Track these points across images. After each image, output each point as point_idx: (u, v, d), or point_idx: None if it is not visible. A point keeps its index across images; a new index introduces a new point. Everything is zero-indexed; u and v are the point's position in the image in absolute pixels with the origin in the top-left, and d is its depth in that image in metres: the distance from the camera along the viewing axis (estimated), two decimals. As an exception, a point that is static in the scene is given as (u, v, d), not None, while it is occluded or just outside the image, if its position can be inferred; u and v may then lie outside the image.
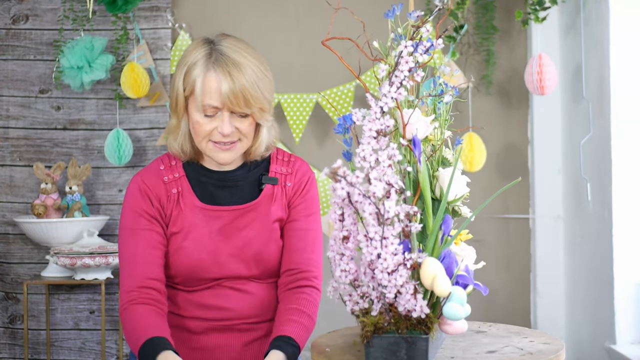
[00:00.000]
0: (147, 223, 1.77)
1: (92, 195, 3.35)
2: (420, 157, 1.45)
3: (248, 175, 1.84)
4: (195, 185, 1.81)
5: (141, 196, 1.79)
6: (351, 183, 1.29)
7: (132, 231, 1.78)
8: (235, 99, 1.68)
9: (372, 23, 1.76)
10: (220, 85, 1.68)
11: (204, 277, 1.78)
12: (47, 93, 3.37)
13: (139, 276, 1.74)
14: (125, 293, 1.75)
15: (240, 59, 1.71)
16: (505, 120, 3.38)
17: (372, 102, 1.37)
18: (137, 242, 1.77)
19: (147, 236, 1.77)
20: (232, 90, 1.68)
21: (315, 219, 1.86)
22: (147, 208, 1.78)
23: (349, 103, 3.23)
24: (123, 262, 1.78)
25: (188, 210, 1.78)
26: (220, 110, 1.71)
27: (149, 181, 1.80)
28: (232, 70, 1.69)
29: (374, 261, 1.31)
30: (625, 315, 2.76)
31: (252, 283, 1.81)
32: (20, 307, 3.34)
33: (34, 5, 3.36)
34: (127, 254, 1.77)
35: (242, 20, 3.38)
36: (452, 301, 1.35)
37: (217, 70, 1.69)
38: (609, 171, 2.78)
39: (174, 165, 1.83)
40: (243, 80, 1.69)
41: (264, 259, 1.80)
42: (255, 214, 1.80)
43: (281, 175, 1.85)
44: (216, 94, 1.69)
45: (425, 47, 1.40)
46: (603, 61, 2.81)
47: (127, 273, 1.76)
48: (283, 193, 1.84)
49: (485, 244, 3.34)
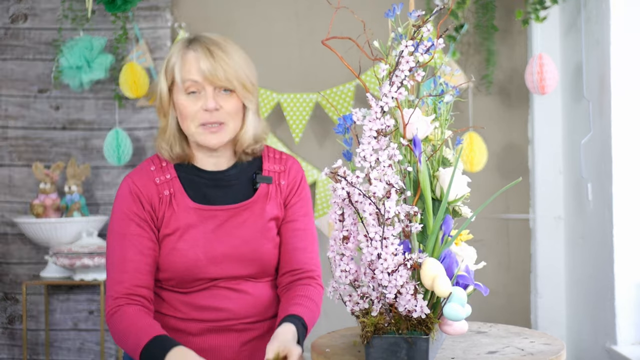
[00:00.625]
0: (138, 228, 1.76)
1: (91, 195, 3.35)
2: (420, 157, 1.44)
3: (241, 175, 1.83)
4: (187, 185, 1.80)
5: (132, 199, 1.77)
6: (351, 183, 1.29)
7: (122, 236, 1.75)
8: (215, 70, 1.71)
9: (372, 23, 1.75)
10: (199, 61, 1.71)
11: (199, 277, 1.77)
12: (46, 93, 3.36)
13: (127, 283, 1.72)
14: (112, 299, 1.72)
15: (220, 41, 1.75)
16: (506, 120, 3.38)
17: (373, 102, 1.37)
18: (126, 247, 1.74)
19: (137, 242, 1.75)
20: (211, 64, 1.71)
21: (311, 217, 1.88)
22: (138, 211, 1.76)
23: (349, 103, 3.23)
24: (111, 267, 1.75)
25: (181, 211, 1.77)
26: (203, 87, 1.72)
27: (140, 182, 1.78)
28: (211, 47, 1.73)
29: (374, 261, 1.31)
30: (626, 316, 2.76)
31: (248, 282, 1.81)
32: (19, 308, 3.33)
33: (33, 5, 3.36)
34: (116, 260, 1.75)
35: (241, 20, 3.38)
36: (452, 302, 1.35)
37: (197, 49, 1.73)
38: (609, 171, 2.77)
39: (165, 166, 1.81)
40: (223, 55, 1.72)
41: (260, 258, 1.80)
42: (249, 213, 1.80)
43: (275, 174, 1.85)
44: (195, 68, 1.72)
45: (425, 46, 1.39)
46: (603, 61, 2.81)
47: (115, 279, 1.74)
48: (278, 191, 1.84)
49: (485, 244, 3.34)
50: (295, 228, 1.83)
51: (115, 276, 1.74)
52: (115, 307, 1.71)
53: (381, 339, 1.34)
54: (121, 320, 1.69)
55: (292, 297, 1.78)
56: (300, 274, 1.82)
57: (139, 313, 1.70)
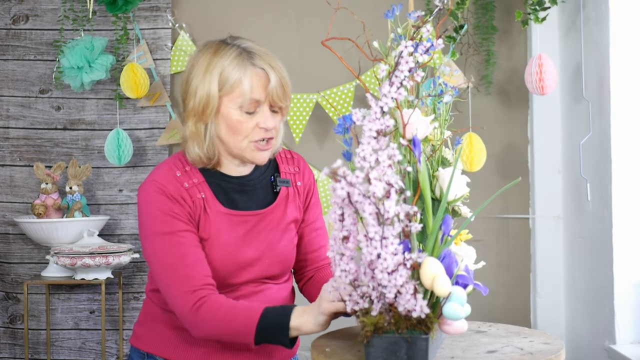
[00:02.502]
0: (182, 224, 1.69)
1: (92, 195, 3.36)
2: (420, 157, 1.45)
3: (262, 178, 1.84)
4: (216, 190, 1.77)
5: (168, 199, 1.70)
6: (351, 183, 1.29)
7: (169, 235, 1.68)
8: (280, 90, 1.71)
9: (371, 23, 1.76)
10: (269, 78, 1.69)
11: (228, 283, 1.76)
12: (47, 93, 3.37)
13: (199, 275, 1.66)
14: (190, 294, 1.64)
15: (269, 52, 1.74)
16: (505, 120, 3.38)
17: (373, 102, 1.37)
18: (180, 243, 1.68)
19: (188, 236, 1.69)
20: (278, 80, 1.70)
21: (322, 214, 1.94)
22: (177, 209, 1.70)
23: (349, 103, 3.23)
24: (170, 267, 1.67)
25: (214, 216, 1.74)
26: (260, 105, 1.71)
27: (171, 186, 1.72)
28: (272, 63, 1.71)
29: (374, 261, 1.31)
30: (625, 315, 2.76)
31: (268, 284, 1.82)
32: (21, 307, 3.34)
33: (34, 6, 3.36)
34: (172, 259, 1.67)
35: (242, 20, 3.38)
36: (452, 301, 1.35)
37: (262, 65, 1.70)
38: (609, 171, 2.78)
39: (189, 171, 1.76)
40: (282, 71, 1.73)
41: (284, 260, 1.82)
42: (273, 216, 1.81)
43: (290, 175, 1.87)
44: (263, 87, 1.69)
45: (425, 47, 1.40)
46: (603, 61, 2.81)
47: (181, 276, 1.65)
48: (296, 193, 1.86)
49: (485, 244, 3.34)
50: (317, 227, 1.89)
51: (179, 274, 1.66)
52: (199, 300, 1.64)
53: (381, 338, 1.34)
54: (217, 308, 1.63)
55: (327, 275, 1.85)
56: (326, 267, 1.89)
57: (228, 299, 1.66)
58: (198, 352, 1.79)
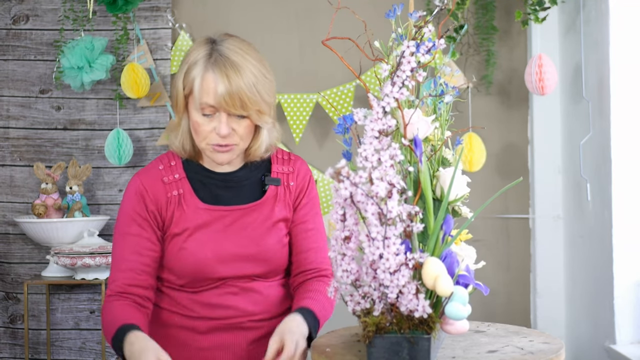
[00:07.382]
0: (138, 228, 1.78)
1: (93, 195, 3.36)
2: (421, 157, 1.45)
3: (250, 176, 1.85)
4: (197, 186, 1.81)
5: (137, 199, 1.79)
6: (355, 183, 1.29)
7: (122, 235, 1.80)
8: (232, 100, 1.68)
9: (372, 23, 1.76)
10: (217, 86, 1.68)
11: (209, 276, 1.78)
12: (47, 93, 3.37)
13: (120, 282, 1.77)
14: (106, 297, 1.78)
15: (239, 61, 1.70)
16: (505, 120, 3.39)
17: (374, 102, 1.37)
18: (125, 247, 1.78)
19: (135, 242, 1.78)
20: (228, 91, 1.68)
21: (320, 217, 1.91)
22: (140, 211, 1.78)
23: (349, 103, 3.24)
24: (112, 264, 1.82)
25: (191, 212, 1.79)
26: (218, 110, 1.71)
27: (147, 182, 1.80)
28: (230, 72, 1.68)
29: (376, 261, 1.31)
30: (625, 315, 2.76)
31: (258, 282, 1.82)
32: (21, 307, 3.34)
33: (35, 6, 3.36)
34: (115, 258, 1.80)
35: (242, 20, 3.38)
36: (454, 301, 1.35)
37: (215, 70, 1.69)
38: (609, 171, 2.78)
39: (174, 166, 1.82)
40: (240, 82, 1.68)
41: (269, 258, 1.82)
42: (258, 214, 1.81)
43: (283, 175, 1.86)
44: (212, 94, 1.69)
45: (427, 47, 1.40)
46: (603, 61, 2.82)
47: (111, 277, 1.79)
48: (286, 192, 1.85)
49: (485, 244, 3.34)
50: (307, 229, 1.86)
51: (112, 274, 1.79)
52: (106, 302, 1.77)
53: (383, 338, 1.34)
54: (105, 314, 1.75)
55: (303, 292, 1.81)
56: (314, 273, 1.85)
57: (122, 306, 1.74)
58: (195, 351, 1.81)
